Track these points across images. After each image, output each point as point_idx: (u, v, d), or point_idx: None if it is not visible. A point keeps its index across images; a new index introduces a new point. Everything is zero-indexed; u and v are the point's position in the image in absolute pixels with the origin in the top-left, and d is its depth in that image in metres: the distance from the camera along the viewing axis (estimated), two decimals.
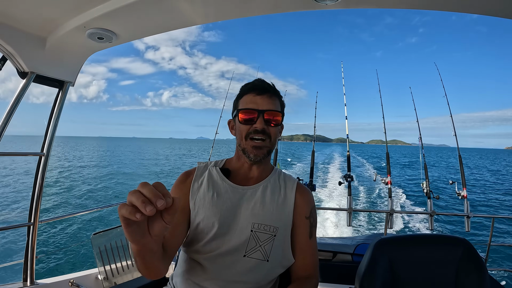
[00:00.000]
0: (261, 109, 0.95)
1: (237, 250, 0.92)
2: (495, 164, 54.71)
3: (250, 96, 0.98)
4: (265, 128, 0.95)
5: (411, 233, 7.02)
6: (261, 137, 0.95)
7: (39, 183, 1.92)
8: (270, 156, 1.05)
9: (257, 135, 0.95)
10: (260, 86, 0.98)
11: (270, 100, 0.97)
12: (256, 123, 0.95)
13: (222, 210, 0.94)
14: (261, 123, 0.95)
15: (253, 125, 0.95)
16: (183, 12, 1.37)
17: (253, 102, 0.97)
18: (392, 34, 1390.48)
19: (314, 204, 1.05)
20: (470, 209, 2.99)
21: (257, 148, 0.96)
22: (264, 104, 0.96)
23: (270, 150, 0.99)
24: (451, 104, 3.71)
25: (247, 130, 0.96)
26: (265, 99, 0.97)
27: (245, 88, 1.01)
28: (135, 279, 1.92)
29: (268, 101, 0.97)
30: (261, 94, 0.97)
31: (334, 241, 3.07)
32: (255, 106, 0.96)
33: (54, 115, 1.93)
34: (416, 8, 1.33)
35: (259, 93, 0.97)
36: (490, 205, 15.54)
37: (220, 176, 1.01)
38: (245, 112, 0.96)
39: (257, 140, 0.95)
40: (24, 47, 1.54)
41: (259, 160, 0.98)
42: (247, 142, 0.97)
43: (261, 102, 0.96)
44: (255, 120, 0.95)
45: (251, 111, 0.96)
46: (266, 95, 0.97)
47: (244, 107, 0.97)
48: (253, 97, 0.97)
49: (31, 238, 1.94)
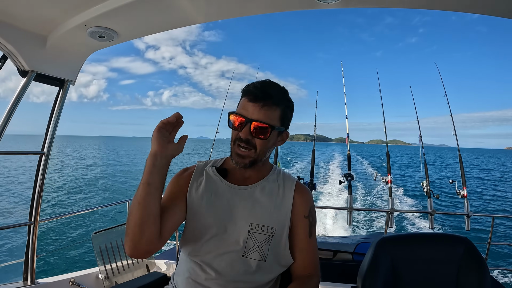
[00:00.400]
0: (250, 117, 0.88)
1: (235, 250, 0.91)
2: (490, 163, 54.77)
3: (245, 100, 0.91)
4: (249, 139, 0.89)
5: (413, 232, 7.02)
6: (245, 146, 0.90)
7: (39, 182, 1.92)
8: (268, 158, 1.02)
9: (241, 143, 0.90)
10: (254, 92, 0.89)
11: (262, 110, 0.88)
12: (242, 131, 0.89)
13: (219, 211, 0.94)
14: (245, 133, 0.89)
15: (239, 132, 0.90)
16: (184, 11, 1.36)
17: (244, 108, 0.90)
18: (392, 34, 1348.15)
19: (313, 203, 1.04)
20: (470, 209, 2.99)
21: (240, 157, 0.92)
22: (254, 113, 0.88)
23: (254, 160, 0.93)
24: (451, 104, 3.70)
25: (235, 135, 0.92)
26: (257, 108, 0.88)
27: (244, 90, 0.94)
28: (135, 279, 1.92)
29: (259, 110, 0.88)
30: (254, 101, 0.89)
31: (334, 240, 3.08)
32: (245, 113, 0.89)
33: (55, 114, 1.92)
34: (417, 8, 1.32)
35: (252, 99, 0.89)
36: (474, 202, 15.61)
37: (217, 176, 1.00)
38: (235, 116, 0.91)
39: (242, 148, 0.91)
40: (25, 45, 1.54)
41: (244, 168, 0.94)
42: (234, 147, 0.93)
43: (252, 111, 0.88)
44: (242, 127, 0.89)
45: (239, 117, 0.90)
46: (259, 104, 0.88)
47: (237, 110, 0.92)
48: (246, 102, 0.90)
49: (32, 237, 1.93)
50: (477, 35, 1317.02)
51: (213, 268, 0.91)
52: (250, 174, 1.00)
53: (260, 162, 0.96)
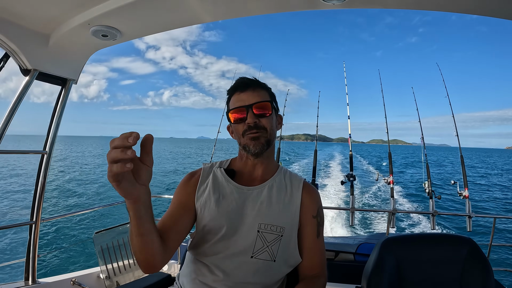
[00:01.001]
0: (248, 104, 0.95)
1: (244, 251, 0.91)
2: (484, 163, 54.69)
3: (235, 96, 0.98)
4: (256, 122, 0.95)
5: (417, 233, 7.02)
6: (256, 131, 0.95)
7: (41, 182, 1.91)
8: (273, 152, 1.05)
9: (251, 130, 0.95)
10: (241, 82, 0.99)
11: (254, 93, 0.97)
12: (248, 119, 0.94)
13: (228, 212, 0.93)
14: (251, 118, 0.94)
15: (246, 121, 0.95)
16: (187, 10, 1.36)
17: (239, 100, 0.96)
18: (393, 34, 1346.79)
19: (321, 203, 1.04)
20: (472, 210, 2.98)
21: (255, 139, 0.95)
22: (250, 98, 0.96)
23: (268, 140, 0.98)
24: (452, 104, 3.70)
25: (242, 128, 0.96)
26: (250, 93, 0.96)
27: (230, 90, 1.01)
28: (139, 279, 1.92)
29: (253, 94, 0.96)
30: (245, 90, 0.97)
31: (336, 240, 3.07)
32: (242, 103, 0.96)
33: (57, 113, 1.92)
34: (420, 9, 1.32)
35: (242, 89, 0.97)
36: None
37: (225, 177, 1.00)
38: (234, 112, 0.97)
39: (253, 133, 0.95)
40: (27, 44, 1.53)
41: (261, 152, 0.96)
42: (244, 139, 0.96)
43: (247, 98, 0.96)
44: (246, 116, 0.95)
45: (239, 109, 0.96)
46: (249, 90, 0.97)
47: (232, 107, 0.98)
48: (238, 95, 0.97)
49: (33, 236, 1.93)
50: (477, 34, 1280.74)
51: (221, 269, 0.90)
52: (257, 174, 1.01)
53: (272, 144, 1.00)
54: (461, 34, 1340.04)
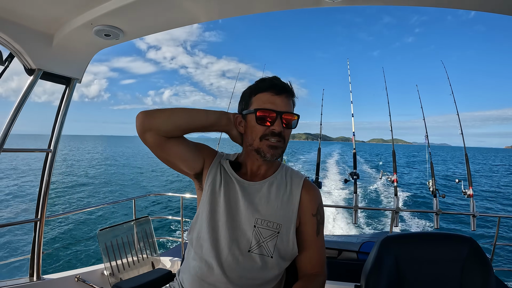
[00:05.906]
0: (279, 110, 0.91)
1: (241, 245, 0.92)
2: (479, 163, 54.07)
3: (267, 94, 0.93)
4: (281, 131, 0.92)
5: (417, 231, 6.98)
6: (277, 139, 0.93)
7: (46, 179, 1.94)
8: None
9: (273, 138, 0.92)
10: (279, 85, 0.93)
11: (287, 101, 0.93)
12: (274, 125, 0.91)
13: (226, 204, 0.94)
14: (279, 126, 0.91)
15: (271, 127, 0.91)
16: (189, 9, 1.36)
17: (271, 102, 0.91)
18: (391, 33, 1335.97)
19: (321, 201, 1.03)
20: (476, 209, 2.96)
21: (274, 148, 0.93)
22: (282, 105, 0.92)
23: (283, 151, 0.97)
24: (453, 103, 3.68)
25: (263, 131, 0.92)
26: (284, 99, 0.92)
27: (263, 85, 0.94)
28: (141, 275, 1.94)
29: (286, 102, 0.93)
30: (280, 94, 0.92)
31: (339, 239, 3.06)
32: (274, 107, 0.91)
33: (61, 111, 1.94)
34: (420, 5, 1.31)
35: (278, 93, 0.92)
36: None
37: (229, 169, 1.01)
38: (263, 112, 0.91)
39: (275, 140, 0.93)
40: (32, 44, 1.55)
41: (275, 158, 0.96)
42: (262, 143, 0.93)
43: (280, 103, 0.92)
44: (273, 122, 0.91)
45: (269, 112, 0.91)
46: (284, 96, 0.93)
47: (261, 106, 0.92)
48: (271, 96, 0.92)
49: (38, 233, 1.96)
50: (476, 34, 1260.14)
51: (219, 264, 0.91)
52: (260, 170, 1.01)
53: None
54: (459, 33, 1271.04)
